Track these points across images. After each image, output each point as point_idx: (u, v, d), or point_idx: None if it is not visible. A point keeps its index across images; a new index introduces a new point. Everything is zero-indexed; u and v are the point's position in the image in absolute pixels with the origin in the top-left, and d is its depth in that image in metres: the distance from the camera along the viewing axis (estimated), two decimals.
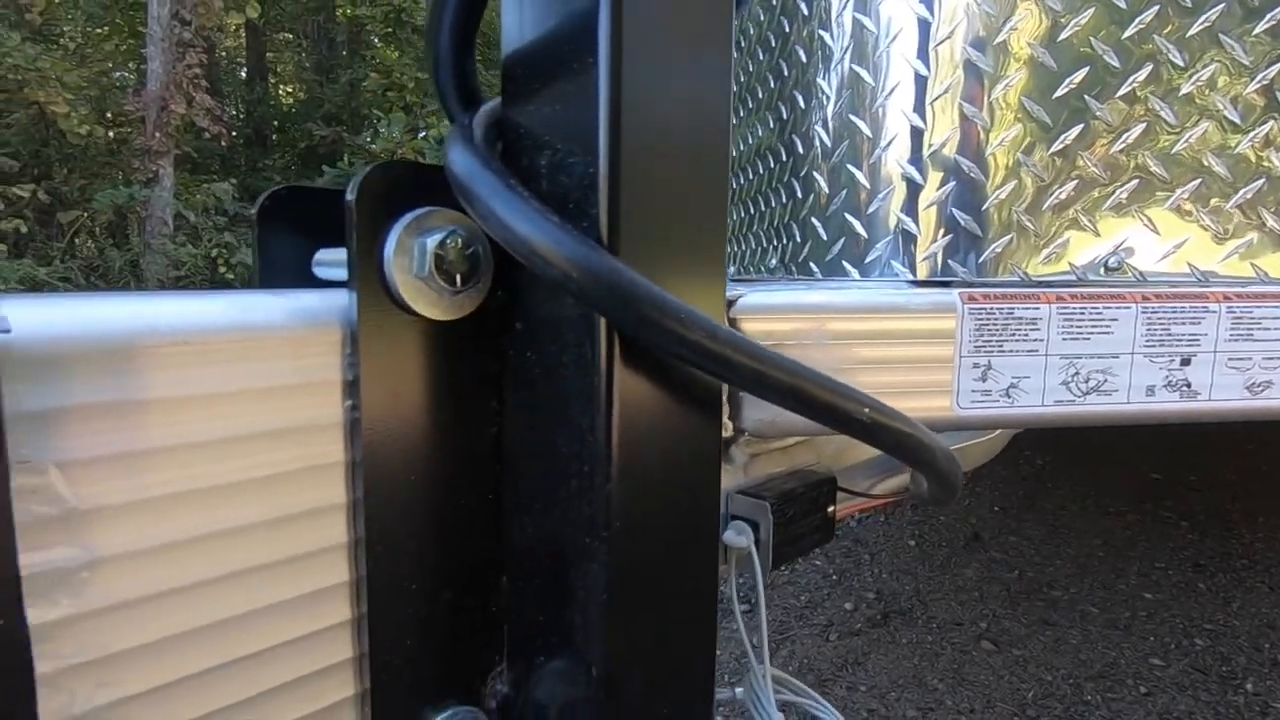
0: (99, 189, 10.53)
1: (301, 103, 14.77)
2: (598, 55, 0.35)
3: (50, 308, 0.30)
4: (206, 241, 10.42)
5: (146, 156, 10.41)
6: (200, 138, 11.64)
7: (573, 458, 0.39)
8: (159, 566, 0.33)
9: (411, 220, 0.37)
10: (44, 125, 10.86)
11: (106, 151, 11.40)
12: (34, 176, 10.61)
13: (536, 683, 0.44)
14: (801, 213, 1.11)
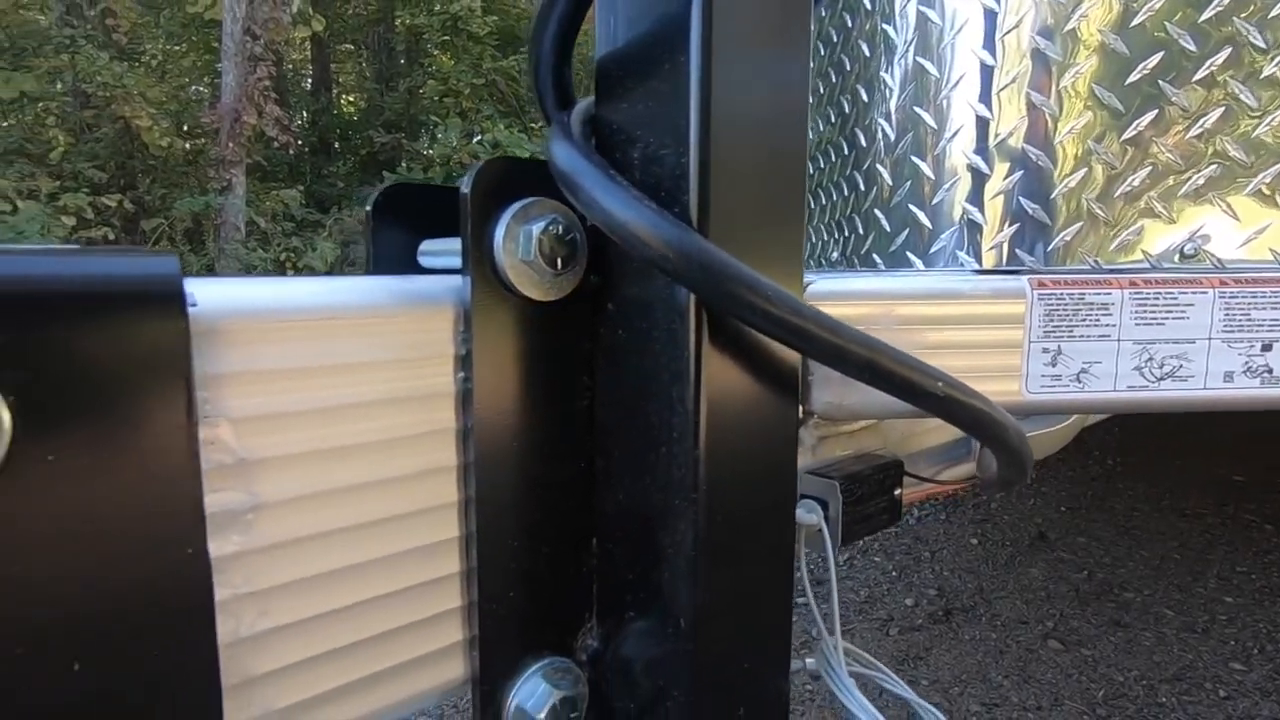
0: (178, 198, 11.13)
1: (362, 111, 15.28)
2: (689, 56, 0.38)
3: (224, 286, 0.35)
4: (276, 246, 10.88)
5: (221, 166, 10.95)
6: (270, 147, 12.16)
7: (663, 426, 0.42)
8: (307, 513, 0.38)
9: (519, 209, 0.41)
10: (129, 139, 11.53)
11: (185, 162, 12.03)
12: (120, 187, 11.28)
13: (624, 639, 0.47)
14: (864, 205, 1.12)
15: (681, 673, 0.43)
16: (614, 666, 0.48)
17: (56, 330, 0.29)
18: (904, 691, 0.58)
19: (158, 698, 0.32)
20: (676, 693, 0.43)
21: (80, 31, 11.65)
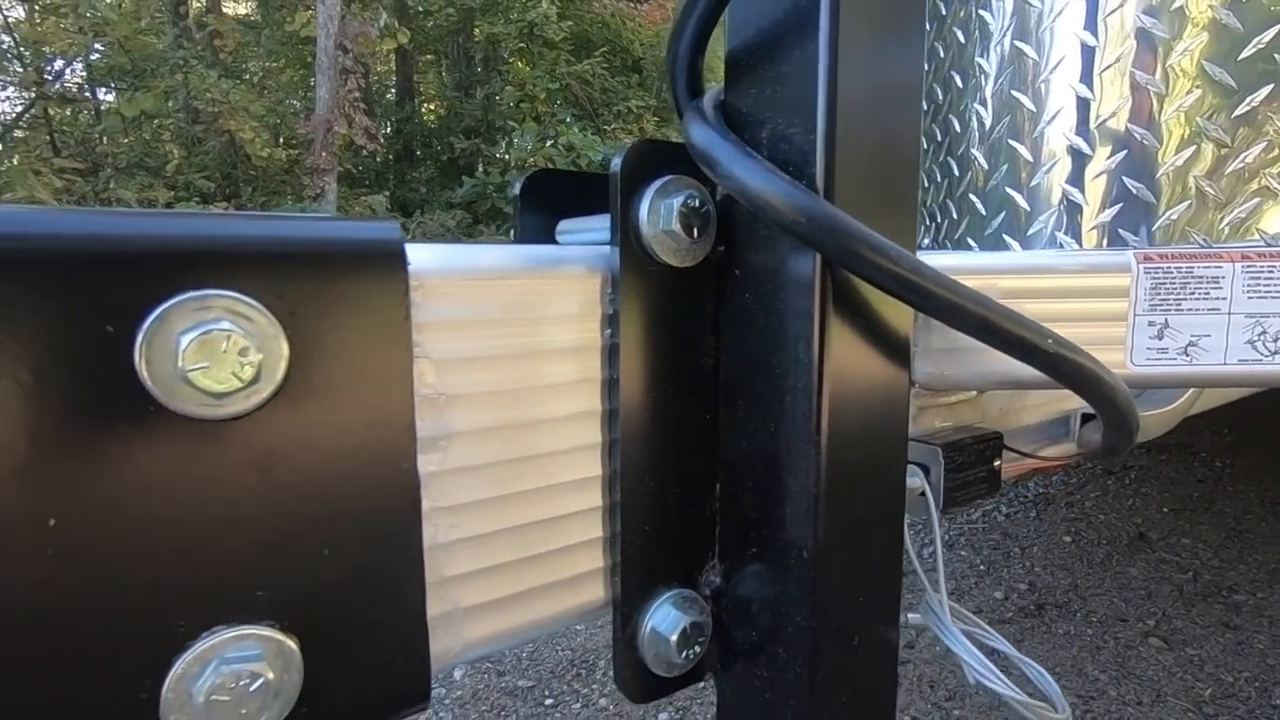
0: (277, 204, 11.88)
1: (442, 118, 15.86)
2: (818, 46, 0.43)
3: (428, 250, 0.42)
4: None
5: (315, 174, 11.62)
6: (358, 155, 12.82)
7: (787, 378, 0.47)
8: (486, 444, 0.45)
9: (660, 185, 0.47)
10: (233, 151, 12.38)
11: (282, 171, 12.82)
12: (225, 195, 12.14)
13: (745, 574, 0.52)
14: (958, 190, 1.13)
15: (802, 601, 0.47)
16: (735, 600, 0.53)
17: (316, 278, 0.36)
18: (1005, 647, 0.61)
19: (386, 583, 0.39)
20: (799, 619, 0.47)
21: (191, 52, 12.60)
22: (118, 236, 0.32)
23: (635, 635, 0.51)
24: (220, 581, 0.35)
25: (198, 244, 0.33)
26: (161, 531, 0.33)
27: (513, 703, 1.40)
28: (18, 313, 0.30)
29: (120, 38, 12.45)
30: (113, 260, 0.31)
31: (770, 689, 0.50)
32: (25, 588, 0.31)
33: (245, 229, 0.35)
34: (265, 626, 0.36)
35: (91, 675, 0.32)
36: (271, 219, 0.37)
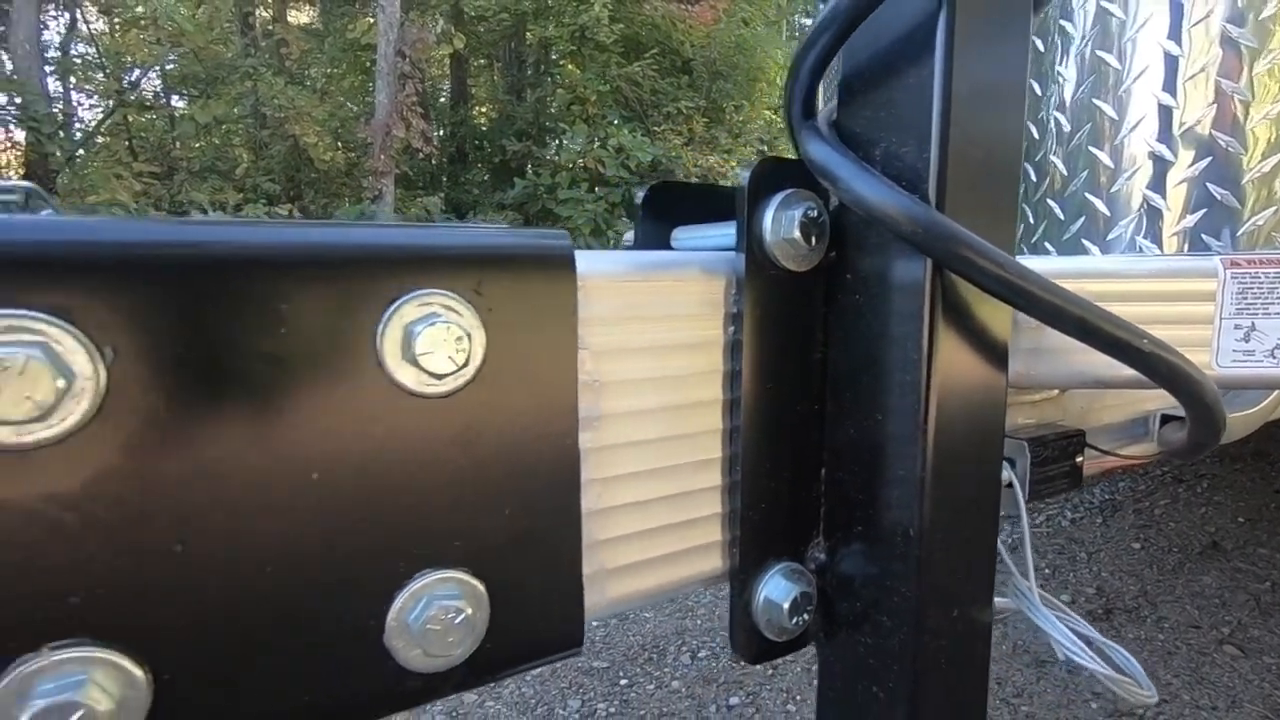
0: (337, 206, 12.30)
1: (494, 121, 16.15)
2: (934, 74, 0.48)
3: (585, 255, 0.49)
4: None
5: (373, 176, 12.00)
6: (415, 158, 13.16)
7: (895, 372, 0.52)
8: (628, 425, 0.51)
9: (783, 198, 0.52)
10: (297, 154, 12.87)
11: (343, 174, 13.27)
12: (289, 197, 12.62)
13: (848, 551, 0.57)
14: (1035, 196, 1.16)
15: (907, 576, 0.52)
16: (838, 574, 0.58)
17: (508, 279, 0.43)
18: (1088, 630, 0.64)
19: (552, 542, 0.46)
20: (904, 591, 0.52)
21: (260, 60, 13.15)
22: (368, 245, 0.39)
23: (750, 602, 0.57)
24: (429, 532, 0.42)
25: (422, 251, 0.41)
26: (391, 488, 0.40)
27: (590, 681, 1.48)
28: (292, 304, 0.37)
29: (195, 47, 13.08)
30: (365, 264, 0.39)
31: (874, 655, 0.55)
32: (294, 530, 0.38)
33: (455, 239, 0.42)
34: (462, 571, 0.43)
35: (335, 605, 0.40)
36: (471, 230, 0.44)
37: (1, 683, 0.32)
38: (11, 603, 0.32)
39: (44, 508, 0.32)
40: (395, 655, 0.41)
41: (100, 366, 0.32)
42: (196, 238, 0.36)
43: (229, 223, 0.38)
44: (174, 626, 0.36)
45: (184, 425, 0.35)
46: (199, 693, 0.36)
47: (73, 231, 0.33)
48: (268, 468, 0.37)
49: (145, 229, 0.35)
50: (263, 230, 0.37)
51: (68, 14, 15.47)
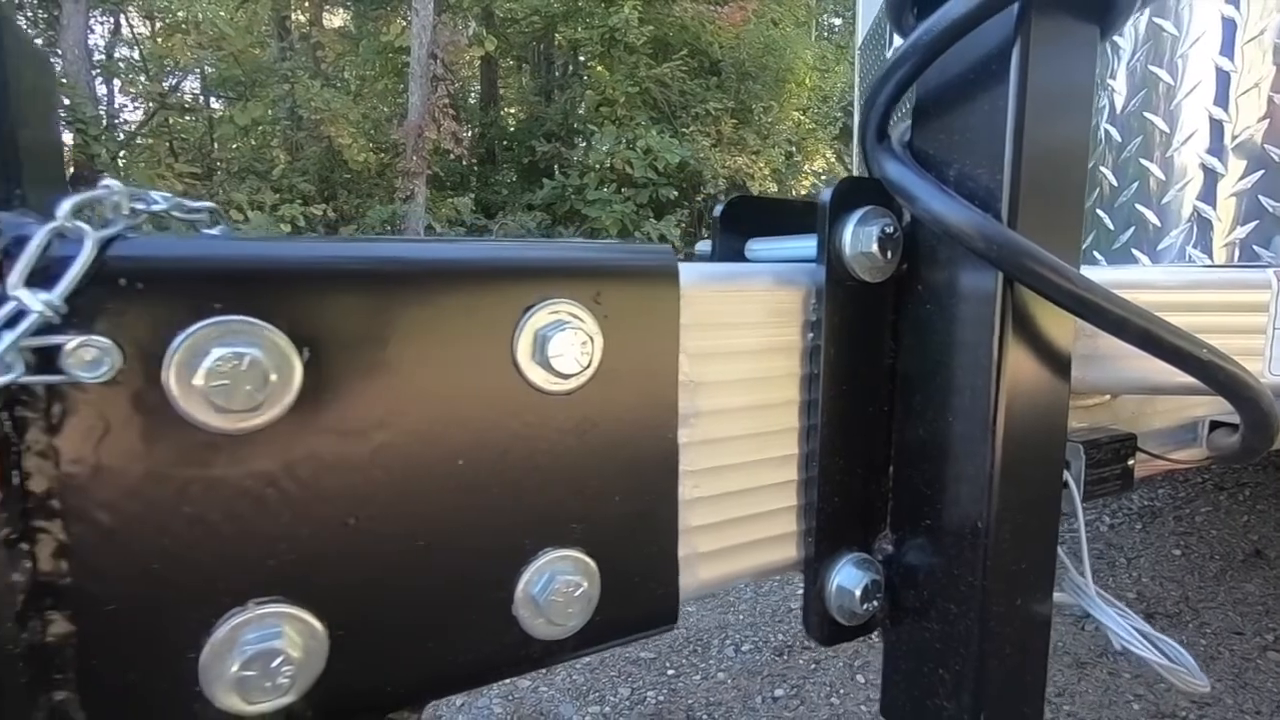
0: (370, 207, 12.52)
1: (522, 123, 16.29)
2: (1008, 104, 0.52)
3: (683, 268, 0.53)
4: None
5: (405, 177, 12.19)
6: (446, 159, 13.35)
7: (966, 376, 0.56)
8: (717, 422, 0.56)
9: (862, 215, 0.57)
10: (331, 155, 13.12)
11: (375, 175, 13.50)
12: (324, 198, 12.87)
13: (914, 544, 0.61)
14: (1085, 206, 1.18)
15: (975, 565, 0.56)
16: (904, 565, 0.62)
17: (622, 288, 0.48)
18: (1140, 624, 0.67)
19: (654, 526, 0.51)
20: (971, 579, 0.56)
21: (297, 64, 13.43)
22: (508, 259, 0.44)
23: (823, 589, 0.61)
24: (552, 515, 0.47)
25: (551, 264, 0.46)
26: (521, 474, 0.46)
27: (638, 670, 1.53)
28: (446, 312, 0.42)
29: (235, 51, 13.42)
30: (506, 275, 0.44)
31: (940, 639, 0.59)
32: (442, 509, 0.43)
33: (577, 253, 0.47)
34: (578, 550, 0.48)
35: (473, 576, 0.45)
36: (590, 244, 0.49)
37: (218, 631, 0.38)
38: (227, 564, 0.38)
39: (252, 485, 0.38)
40: (522, 623, 0.47)
41: (299, 365, 0.38)
42: (372, 254, 0.41)
43: (394, 241, 0.44)
44: (346, 589, 0.41)
45: (359, 417, 0.41)
46: (364, 646, 0.42)
47: (282, 250, 0.39)
48: (423, 454, 0.43)
49: (332, 248, 0.41)
50: (424, 247, 0.43)
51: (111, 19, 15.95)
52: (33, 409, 0.33)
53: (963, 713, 0.58)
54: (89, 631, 0.35)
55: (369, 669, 0.42)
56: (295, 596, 0.40)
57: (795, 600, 1.79)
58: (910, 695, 0.62)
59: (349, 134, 12.68)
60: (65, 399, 0.34)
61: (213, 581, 0.38)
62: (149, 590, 0.36)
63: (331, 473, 0.40)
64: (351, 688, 0.42)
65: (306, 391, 0.39)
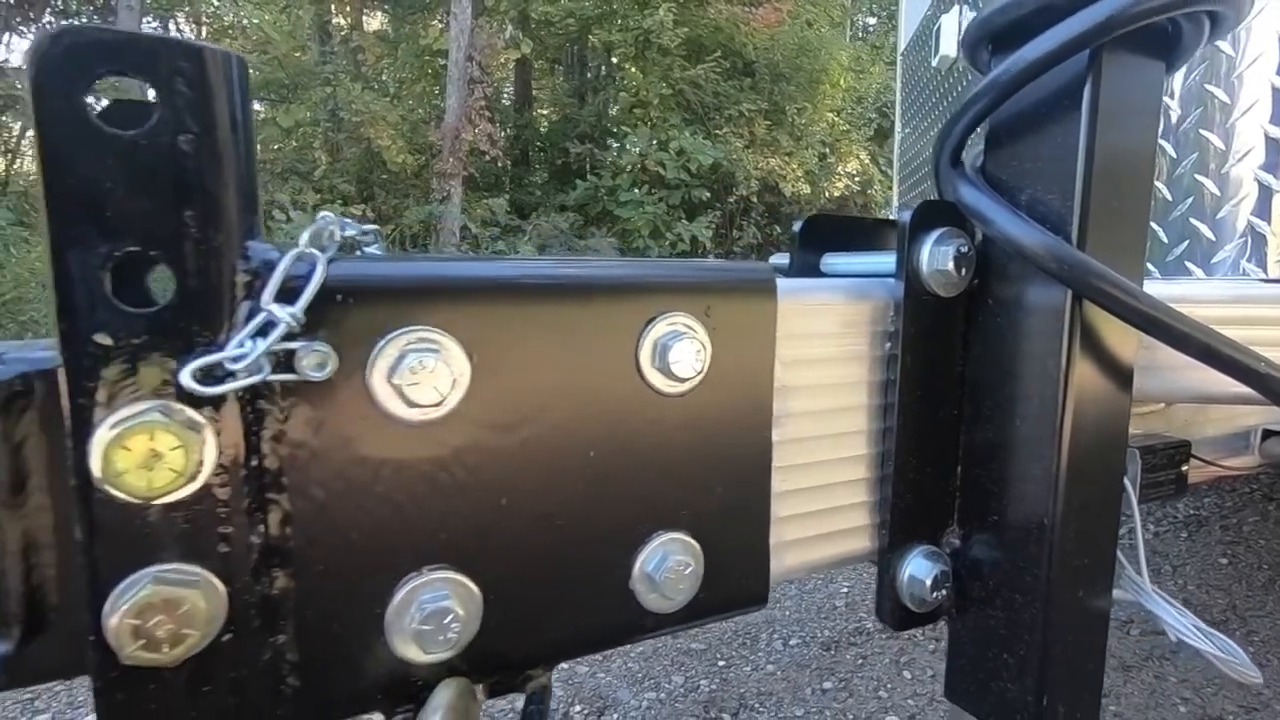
0: (407, 207, 12.75)
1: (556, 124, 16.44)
2: (1079, 134, 0.57)
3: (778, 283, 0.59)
4: (484, 249, 12.09)
5: (442, 178, 12.40)
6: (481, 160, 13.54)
7: (1034, 382, 0.61)
8: (801, 423, 0.61)
9: (939, 235, 0.62)
10: (370, 157, 13.39)
11: (412, 176, 13.74)
12: (363, 198, 13.15)
13: (980, 538, 0.66)
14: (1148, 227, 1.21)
15: (1040, 558, 0.61)
16: (970, 557, 0.67)
17: (729, 302, 0.54)
18: (1193, 619, 0.71)
19: (750, 515, 0.57)
20: (1036, 571, 0.61)
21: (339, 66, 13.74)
22: (635, 276, 0.51)
23: (895, 578, 0.66)
24: (664, 501, 0.53)
25: (670, 281, 0.52)
26: (640, 465, 0.52)
27: (690, 660, 1.59)
28: (585, 323, 0.49)
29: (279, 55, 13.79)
30: (634, 290, 0.50)
31: (1005, 626, 0.64)
32: (576, 494, 0.50)
33: (692, 271, 0.54)
34: (686, 534, 0.54)
35: (599, 553, 0.51)
36: (701, 263, 0.55)
37: (400, 592, 0.45)
38: (408, 535, 0.45)
39: (429, 469, 0.45)
40: (638, 596, 0.53)
41: (469, 368, 0.45)
42: (524, 273, 0.48)
43: (540, 261, 0.50)
44: (498, 560, 0.48)
45: (511, 413, 0.47)
46: (510, 611, 0.49)
47: (457, 269, 0.45)
48: (561, 446, 0.49)
49: (494, 268, 0.47)
50: (565, 267, 0.49)
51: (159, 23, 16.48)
52: (269, 402, 0.40)
53: (1026, 694, 0.63)
54: (303, 587, 0.42)
55: (513, 631, 0.49)
56: (459, 565, 0.46)
57: (839, 598, 1.83)
58: (975, 679, 0.67)
59: (388, 136, 12.93)
60: (294, 394, 0.41)
61: (397, 549, 0.45)
62: (348, 555, 0.43)
63: (489, 460, 0.47)
64: (498, 648, 0.49)
65: (473, 391, 0.45)
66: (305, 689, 0.43)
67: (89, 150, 0.35)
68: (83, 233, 0.35)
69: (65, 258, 0.35)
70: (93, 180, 0.35)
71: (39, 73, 0.34)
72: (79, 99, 0.34)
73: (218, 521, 0.39)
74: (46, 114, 0.34)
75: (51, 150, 0.34)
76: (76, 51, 0.34)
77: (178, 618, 0.37)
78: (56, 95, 0.34)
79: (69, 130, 0.34)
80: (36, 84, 0.34)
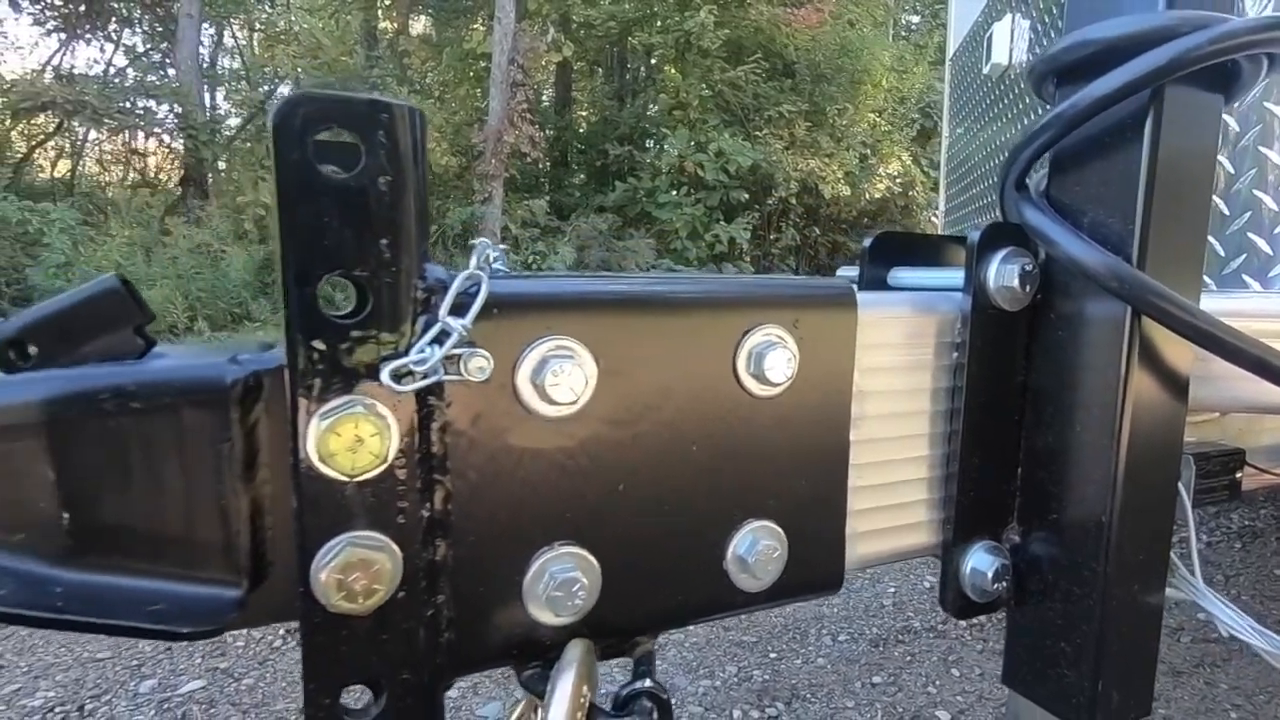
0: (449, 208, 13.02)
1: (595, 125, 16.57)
2: (1141, 161, 0.61)
3: None
4: (524, 250, 12.27)
5: (484, 180, 12.63)
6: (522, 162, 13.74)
7: (1094, 391, 0.66)
8: (877, 425, 0.67)
9: (1005, 254, 0.67)
10: None
11: (455, 177, 14.02)
12: None
13: (1039, 535, 0.71)
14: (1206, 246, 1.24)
15: (1099, 553, 0.66)
16: (1028, 553, 0.72)
17: (815, 314, 0.60)
18: (1245, 618, 0.75)
19: (829, 507, 0.63)
20: (1094, 565, 0.66)
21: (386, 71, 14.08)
22: (734, 292, 0.58)
23: (958, 570, 0.72)
24: (755, 491, 0.60)
25: (764, 296, 0.59)
26: (734, 458, 0.59)
27: (741, 652, 1.65)
28: (690, 333, 0.56)
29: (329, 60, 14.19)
30: (733, 304, 0.57)
31: (1063, 617, 0.69)
32: (680, 482, 0.57)
33: (782, 287, 0.60)
34: (773, 522, 0.61)
35: (698, 536, 0.58)
36: (789, 279, 0.61)
37: (535, 563, 0.52)
38: (543, 513, 0.52)
39: (560, 458, 0.52)
40: (730, 576, 0.60)
41: (596, 371, 0.52)
42: (640, 290, 0.55)
43: (651, 278, 0.57)
44: (613, 538, 0.55)
45: (628, 410, 0.54)
46: (622, 584, 0.56)
47: (586, 286, 0.53)
48: (669, 440, 0.56)
49: (615, 285, 0.54)
50: (674, 283, 0.56)
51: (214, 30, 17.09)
52: (437, 398, 0.48)
53: (1083, 681, 0.68)
54: (459, 556, 0.50)
55: (625, 601, 0.56)
56: (583, 541, 0.54)
57: (886, 598, 1.87)
58: (1033, 666, 0.72)
59: (432, 138, 13.22)
60: (458, 392, 0.48)
61: (533, 526, 0.52)
62: (495, 529, 0.51)
63: (609, 450, 0.54)
64: (613, 615, 0.56)
65: (599, 391, 0.53)
66: (458, 641, 0.51)
67: (313, 190, 0.43)
68: (307, 257, 0.43)
69: (294, 278, 0.43)
70: (315, 214, 0.43)
71: (278, 128, 0.42)
72: (307, 149, 0.42)
73: (397, 497, 0.47)
74: (282, 161, 0.42)
75: (285, 190, 0.42)
76: (306, 112, 0.42)
77: (370, 575, 0.45)
78: (290, 146, 0.42)
79: (299, 174, 0.42)
80: (276, 137, 0.42)
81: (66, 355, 0.43)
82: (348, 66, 15.03)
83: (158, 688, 1.56)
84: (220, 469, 0.44)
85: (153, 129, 14.41)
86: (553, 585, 0.52)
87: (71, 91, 12.76)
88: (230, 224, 11.38)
